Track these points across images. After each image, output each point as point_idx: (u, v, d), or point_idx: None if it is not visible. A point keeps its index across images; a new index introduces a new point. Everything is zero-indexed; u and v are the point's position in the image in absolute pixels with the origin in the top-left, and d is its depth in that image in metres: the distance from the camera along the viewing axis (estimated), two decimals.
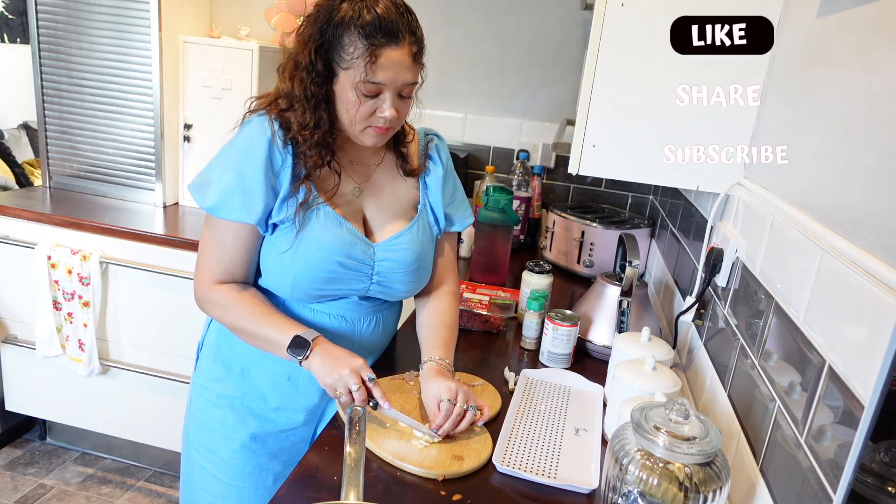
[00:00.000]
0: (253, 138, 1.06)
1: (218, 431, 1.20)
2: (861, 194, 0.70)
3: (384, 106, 1.03)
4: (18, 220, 2.10)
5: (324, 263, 1.10)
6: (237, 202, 1.06)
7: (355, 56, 1.00)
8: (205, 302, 1.14)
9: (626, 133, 1.25)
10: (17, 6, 2.89)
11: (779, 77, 1.09)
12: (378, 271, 1.15)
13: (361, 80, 1.00)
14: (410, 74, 1.04)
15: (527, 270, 1.57)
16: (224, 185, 1.06)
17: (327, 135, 1.07)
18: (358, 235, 1.13)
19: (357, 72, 1.00)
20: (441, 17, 2.34)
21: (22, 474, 2.29)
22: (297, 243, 1.08)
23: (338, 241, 1.10)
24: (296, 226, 1.08)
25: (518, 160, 2.26)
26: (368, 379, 1.03)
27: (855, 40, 0.79)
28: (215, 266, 1.11)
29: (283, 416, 1.20)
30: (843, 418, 0.63)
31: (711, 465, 0.76)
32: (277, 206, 1.08)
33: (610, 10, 1.19)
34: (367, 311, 1.21)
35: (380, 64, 0.99)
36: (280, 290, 1.15)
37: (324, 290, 1.13)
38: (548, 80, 2.33)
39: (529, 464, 1.00)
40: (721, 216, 1.25)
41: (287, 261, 1.09)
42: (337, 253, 1.10)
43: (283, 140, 1.06)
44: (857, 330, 0.64)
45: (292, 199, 1.07)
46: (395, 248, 1.16)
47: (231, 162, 1.07)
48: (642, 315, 1.40)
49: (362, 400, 1.01)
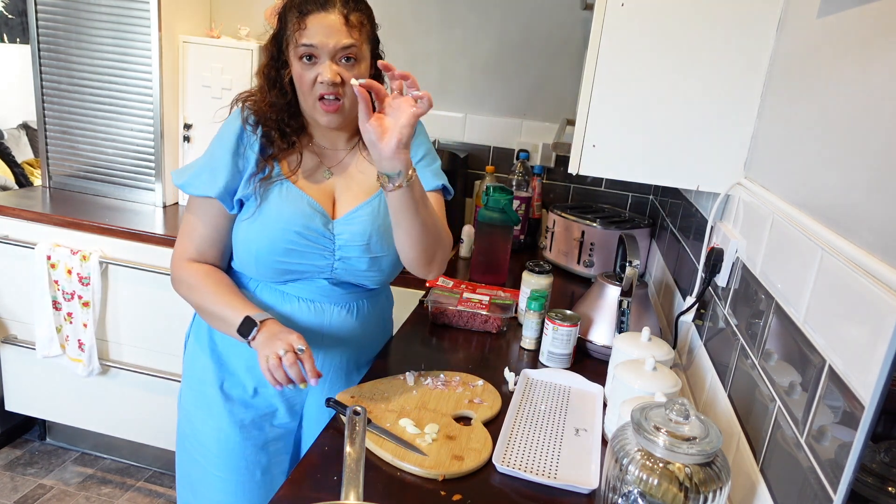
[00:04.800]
0: (228, 125, 1.17)
1: (206, 422, 1.23)
2: (861, 194, 0.70)
3: (322, 68, 1.07)
4: (18, 220, 2.10)
5: (283, 234, 1.13)
6: (204, 179, 1.14)
7: (292, 29, 1.08)
8: (176, 282, 1.19)
9: (626, 133, 1.25)
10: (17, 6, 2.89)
11: (779, 77, 1.09)
12: (339, 245, 1.16)
13: (296, 45, 1.07)
14: (343, 37, 1.06)
15: (527, 270, 1.57)
16: (197, 166, 1.16)
17: (287, 115, 1.15)
18: (318, 209, 1.16)
19: (293, 41, 1.08)
20: (441, 17, 2.34)
21: (21, 474, 2.29)
22: (259, 214, 1.14)
23: (297, 213, 1.14)
24: (257, 199, 1.14)
25: (518, 160, 2.26)
26: (297, 349, 1.01)
27: (855, 40, 0.79)
28: (188, 244, 1.18)
29: (262, 400, 1.22)
30: (844, 418, 0.63)
31: (711, 465, 0.76)
32: (243, 183, 1.14)
33: (610, 10, 1.19)
34: (340, 297, 1.22)
35: (308, 28, 1.06)
36: (247, 268, 1.19)
37: (286, 262, 1.15)
38: (548, 80, 2.32)
39: (529, 464, 1.00)
40: (721, 216, 1.25)
41: (251, 234, 1.14)
42: (296, 224, 1.13)
43: (253, 125, 1.15)
44: (857, 330, 0.64)
45: (256, 176, 1.14)
46: (353, 222, 1.17)
47: (208, 149, 1.17)
48: (642, 315, 1.40)
49: (290, 364, 0.99)
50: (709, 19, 1.16)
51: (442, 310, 1.52)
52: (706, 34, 1.16)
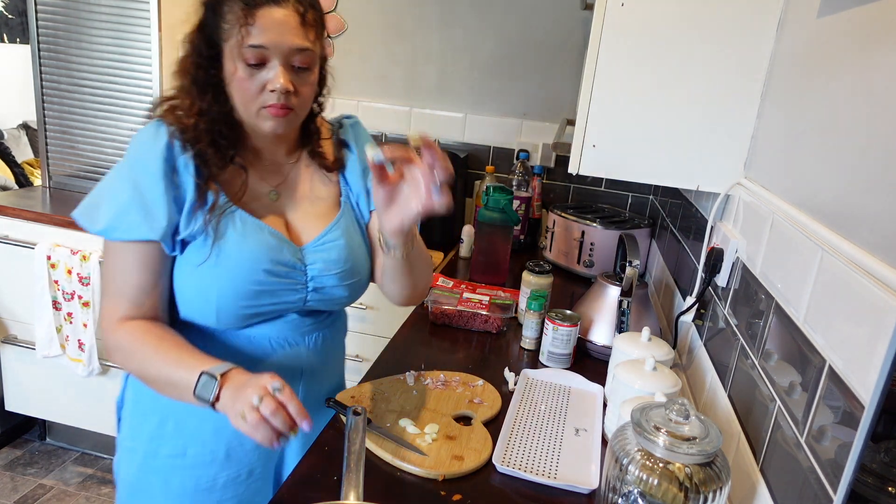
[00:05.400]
0: (146, 146, 0.93)
1: (159, 500, 1.05)
2: (861, 194, 0.70)
3: (273, 75, 0.91)
4: (18, 220, 2.10)
5: (249, 274, 0.96)
6: (136, 218, 0.91)
7: (232, 22, 0.89)
8: (110, 351, 0.95)
9: (626, 133, 1.25)
10: (17, 6, 2.89)
11: (779, 77, 1.09)
12: (312, 276, 1.02)
13: (241, 45, 0.89)
14: (298, 38, 0.91)
15: (527, 270, 1.57)
16: (119, 203, 0.92)
17: (221, 124, 0.95)
18: (283, 239, 1.00)
19: (236, 38, 0.89)
20: (441, 17, 2.34)
21: (21, 474, 2.29)
22: (216, 255, 0.94)
23: (262, 247, 0.97)
24: (210, 236, 0.94)
25: (518, 160, 2.26)
26: (273, 389, 0.80)
27: (855, 40, 0.79)
28: (119, 300, 0.94)
29: (235, 462, 1.05)
30: (844, 418, 0.63)
31: (711, 465, 0.76)
32: (184, 218, 0.93)
33: (610, 10, 1.19)
34: (311, 327, 1.07)
35: (258, 25, 0.88)
36: (205, 318, 0.98)
37: (255, 306, 0.98)
38: (548, 80, 2.32)
39: (529, 464, 1.00)
40: (721, 216, 1.25)
41: (207, 279, 0.95)
42: (263, 260, 0.96)
43: (182, 143, 0.93)
44: (857, 330, 0.64)
45: (201, 208, 0.93)
46: (325, 248, 1.03)
47: (123, 177, 0.94)
48: (642, 315, 1.40)
49: (272, 412, 0.78)
50: (709, 19, 1.16)
51: (442, 310, 1.52)
52: (706, 34, 1.16)
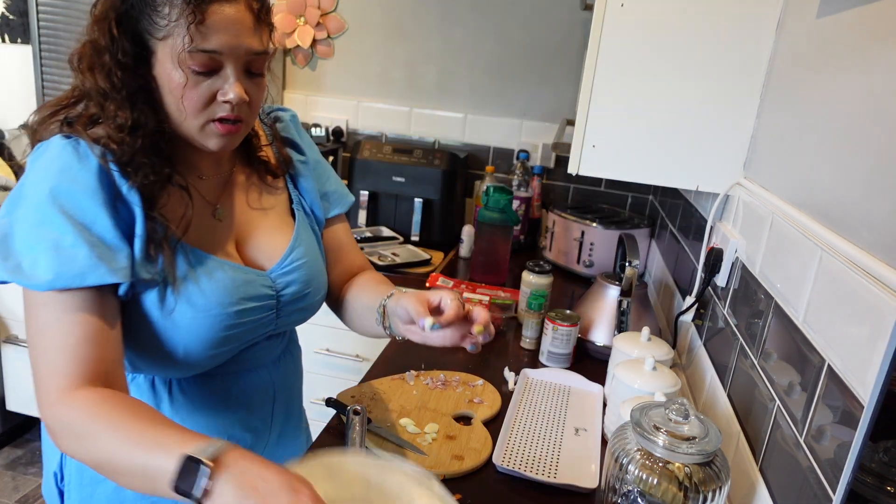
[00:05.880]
0: (71, 173, 0.73)
1: None
2: (861, 194, 0.70)
3: (227, 85, 0.76)
4: None
5: (220, 321, 0.82)
6: (88, 261, 0.71)
7: (173, 18, 0.72)
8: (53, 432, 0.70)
9: (625, 133, 1.25)
10: (18, 7, 2.89)
11: (778, 77, 1.09)
12: (284, 303, 0.91)
13: (186, 49, 0.73)
14: (254, 40, 0.77)
15: (527, 270, 1.57)
16: (61, 246, 0.71)
17: (160, 140, 0.78)
18: (248, 271, 0.87)
19: (179, 39, 0.73)
20: (441, 17, 2.34)
21: (23, 474, 2.29)
22: (179, 305, 0.79)
23: (229, 285, 0.83)
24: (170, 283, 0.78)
25: (518, 160, 2.26)
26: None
27: (855, 40, 0.79)
28: (62, 366, 0.71)
29: None
30: (843, 418, 0.63)
31: (711, 464, 0.76)
32: (139, 258, 0.76)
33: (610, 10, 1.19)
34: (277, 349, 0.98)
35: (210, 24, 0.73)
36: (164, 370, 0.86)
37: (226, 352, 0.86)
38: (548, 80, 2.33)
39: (529, 463, 1.01)
40: (721, 216, 1.26)
41: (168, 330, 0.79)
42: (232, 303, 0.83)
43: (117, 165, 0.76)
44: (856, 330, 0.64)
45: (153, 244, 0.77)
46: (293, 269, 0.92)
47: (50, 215, 0.72)
48: (642, 315, 1.40)
49: None
50: (708, 19, 1.16)
51: None
52: (706, 34, 1.16)
